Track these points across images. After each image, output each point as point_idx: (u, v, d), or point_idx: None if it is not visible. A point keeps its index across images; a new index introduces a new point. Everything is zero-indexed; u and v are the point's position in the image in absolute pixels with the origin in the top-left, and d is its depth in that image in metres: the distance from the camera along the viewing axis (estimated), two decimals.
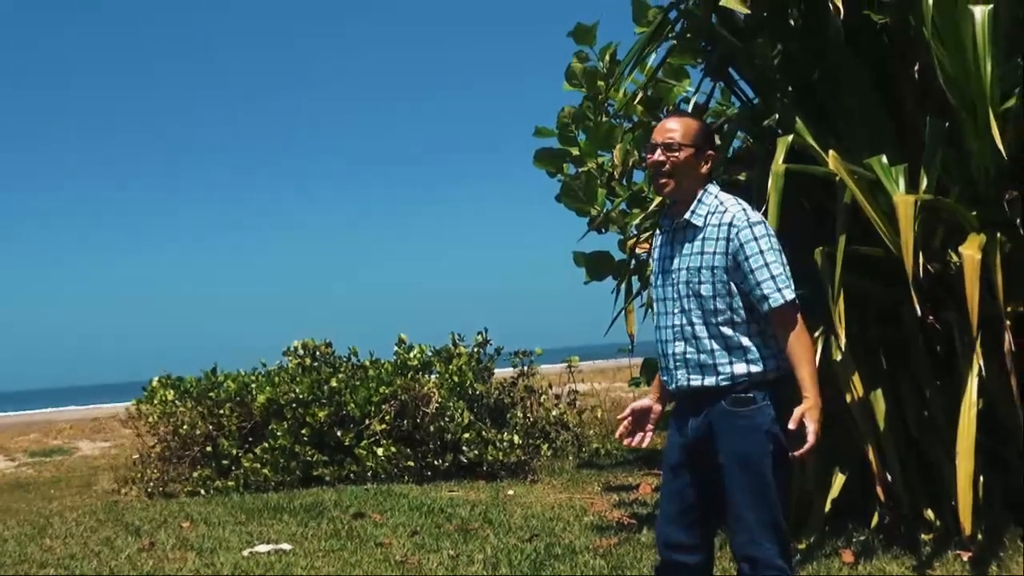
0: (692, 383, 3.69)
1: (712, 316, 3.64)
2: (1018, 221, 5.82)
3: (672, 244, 3.78)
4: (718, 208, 3.69)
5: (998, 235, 5.53)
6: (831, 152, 5.69)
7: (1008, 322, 5.42)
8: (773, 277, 3.58)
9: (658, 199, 7.06)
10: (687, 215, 3.72)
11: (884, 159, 5.64)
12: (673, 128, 3.76)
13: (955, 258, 5.78)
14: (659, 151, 3.73)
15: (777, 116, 6.72)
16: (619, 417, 4.05)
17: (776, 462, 3.61)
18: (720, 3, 6.47)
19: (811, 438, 3.51)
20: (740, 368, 3.62)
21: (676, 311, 3.72)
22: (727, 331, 3.63)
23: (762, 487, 3.59)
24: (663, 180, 3.75)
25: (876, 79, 6.25)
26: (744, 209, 3.68)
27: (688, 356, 3.69)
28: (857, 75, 6.20)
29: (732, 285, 3.63)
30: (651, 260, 4.01)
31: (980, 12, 5.40)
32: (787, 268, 3.64)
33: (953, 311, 5.79)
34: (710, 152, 3.80)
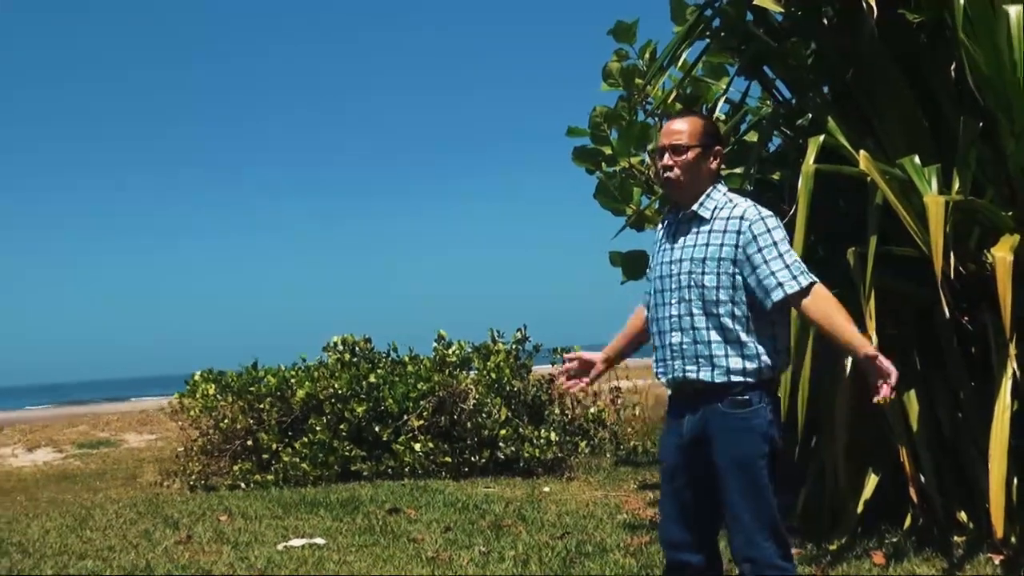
0: (688, 375, 3.69)
1: (714, 307, 3.64)
2: None
3: (675, 236, 3.79)
4: (727, 204, 3.71)
5: None
6: (862, 152, 5.66)
7: None
8: (788, 266, 3.60)
9: None
10: (694, 207, 3.73)
11: (916, 159, 5.61)
12: (679, 129, 3.77)
13: (991, 258, 5.73)
14: (667, 155, 3.75)
15: (810, 115, 6.70)
16: (567, 356, 4.16)
17: (772, 464, 3.63)
18: (754, 2, 6.44)
19: (892, 370, 3.51)
20: (736, 363, 3.62)
21: (674, 301, 3.73)
22: (727, 323, 3.63)
23: (758, 488, 3.61)
24: (673, 182, 3.76)
25: (910, 78, 6.21)
26: (755, 205, 3.71)
27: (685, 346, 3.69)
28: (891, 74, 6.16)
29: (737, 278, 3.64)
30: (656, 249, 3.99)
31: (1015, 11, 5.36)
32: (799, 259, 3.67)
33: (988, 312, 5.74)
34: (717, 148, 3.82)
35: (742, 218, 3.65)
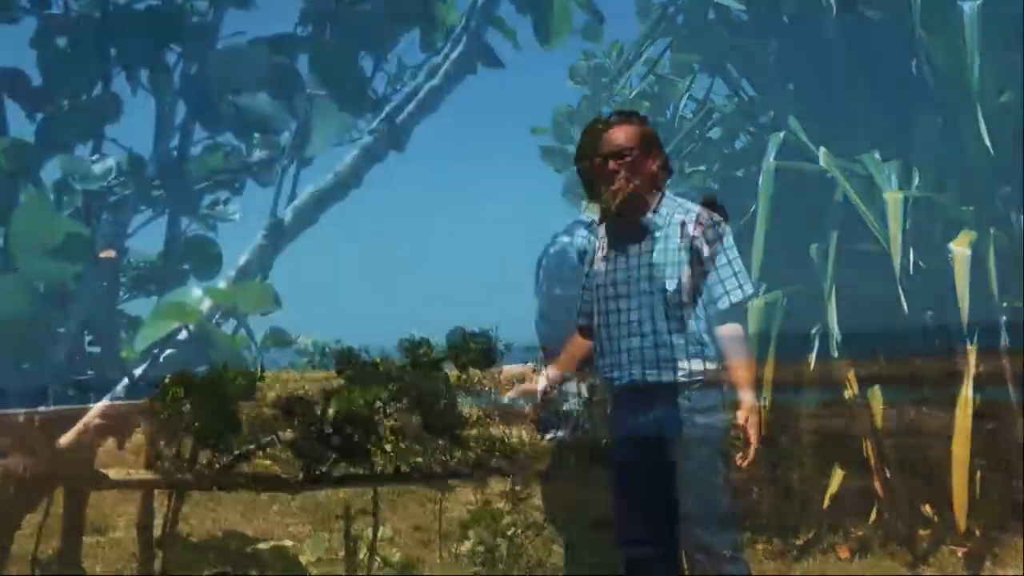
0: (648, 378, 3.65)
1: (676, 309, 3.62)
2: (1012, 217, 5.79)
3: (625, 242, 3.72)
4: (678, 208, 3.69)
5: (992, 231, 5.50)
6: (822, 149, 5.69)
7: (1003, 317, 5.40)
8: (735, 273, 3.61)
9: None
10: (649, 214, 3.70)
11: (877, 155, 5.64)
12: (616, 135, 3.72)
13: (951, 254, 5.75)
14: (610, 162, 3.68)
15: (772, 112, 6.70)
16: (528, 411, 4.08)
17: (726, 457, 3.62)
18: None
19: (754, 441, 3.51)
20: (697, 365, 3.59)
21: (633, 307, 3.69)
22: (689, 325, 3.63)
23: (711, 481, 3.59)
24: (616, 187, 3.70)
25: (871, 75, 6.23)
26: (705, 209, 3.69)
27: (646, 350, 3.64)
28: (852, 71, 6.18)
29: (694, 280, 3.64)
30: (597, 257, 3.91)
31: (969, 7, 5.40)
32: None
33: (950, 307, 5.76)
34: (656, 153, 3.78)
35: (696, 222, 3.64)
